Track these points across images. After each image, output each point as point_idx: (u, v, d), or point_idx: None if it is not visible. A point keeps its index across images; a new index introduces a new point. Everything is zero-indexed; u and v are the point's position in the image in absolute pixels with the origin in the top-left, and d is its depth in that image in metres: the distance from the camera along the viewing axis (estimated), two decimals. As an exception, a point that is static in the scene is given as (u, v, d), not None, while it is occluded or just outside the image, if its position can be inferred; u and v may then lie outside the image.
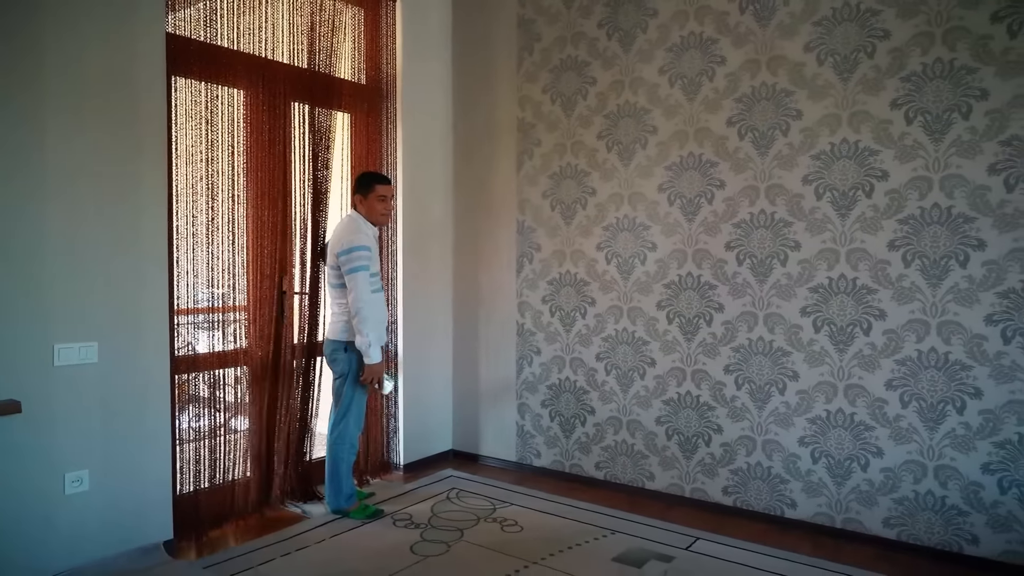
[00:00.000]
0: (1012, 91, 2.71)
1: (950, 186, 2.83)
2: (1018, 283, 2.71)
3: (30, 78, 2.52)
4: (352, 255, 3.11)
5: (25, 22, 2.50)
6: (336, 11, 3.75)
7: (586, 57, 3.78)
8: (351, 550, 2.99)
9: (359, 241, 3.12)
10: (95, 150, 2.70)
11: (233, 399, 3.52)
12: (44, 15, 2.55)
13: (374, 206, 3.27)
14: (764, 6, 3.23)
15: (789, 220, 3.20)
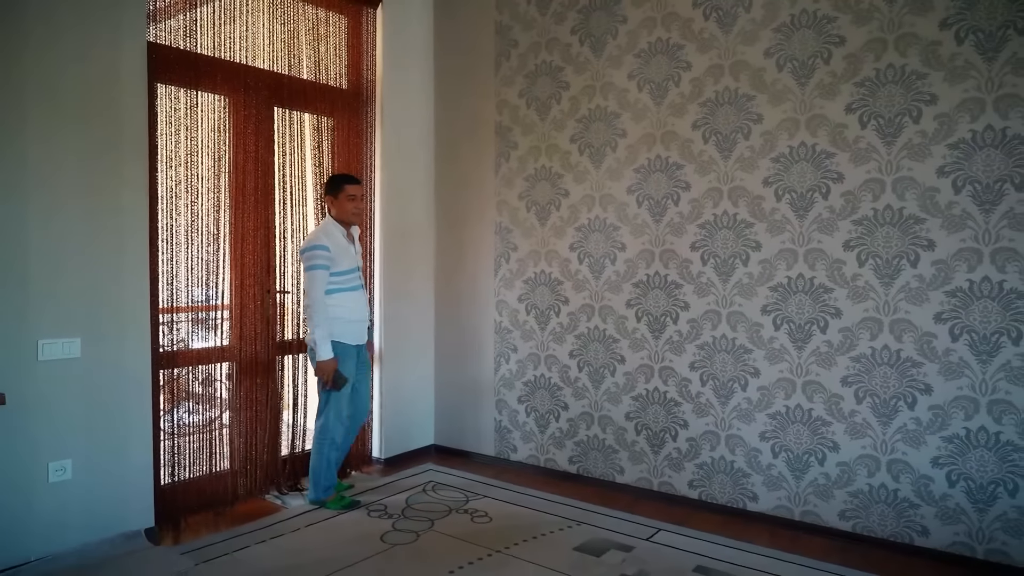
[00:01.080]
0: (959, 96, 2.79)
1: (902, 188, 2.91)
2: (965, 282, 2.79)
3: (12, 85, 2.65)
4: (308, 254, 3.23)
5: (7, 31, 2.63)
6: (318, 20, 3.87)
7: (560, 62, 3.88)
8: (323, 538, 3.11)
9: (316, 241, 3.24)
10: (77, 153, 2.84)
11: (216, 394, 3.65)
12: (26, 25, 2.68)
13: (344, 205, 3.36)
14: (727, 13, 3.33)
15: (751, 221, 3.29)
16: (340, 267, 3.29)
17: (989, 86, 2.73)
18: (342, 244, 3.32)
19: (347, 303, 3.32)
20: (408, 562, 2.88)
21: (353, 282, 3.36)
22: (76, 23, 2.81)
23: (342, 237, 3.34)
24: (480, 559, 2.89)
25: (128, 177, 3.00)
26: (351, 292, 3.35)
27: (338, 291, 3.29)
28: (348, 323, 3.35)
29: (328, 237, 3.28)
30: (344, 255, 3.32)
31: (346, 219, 3.38)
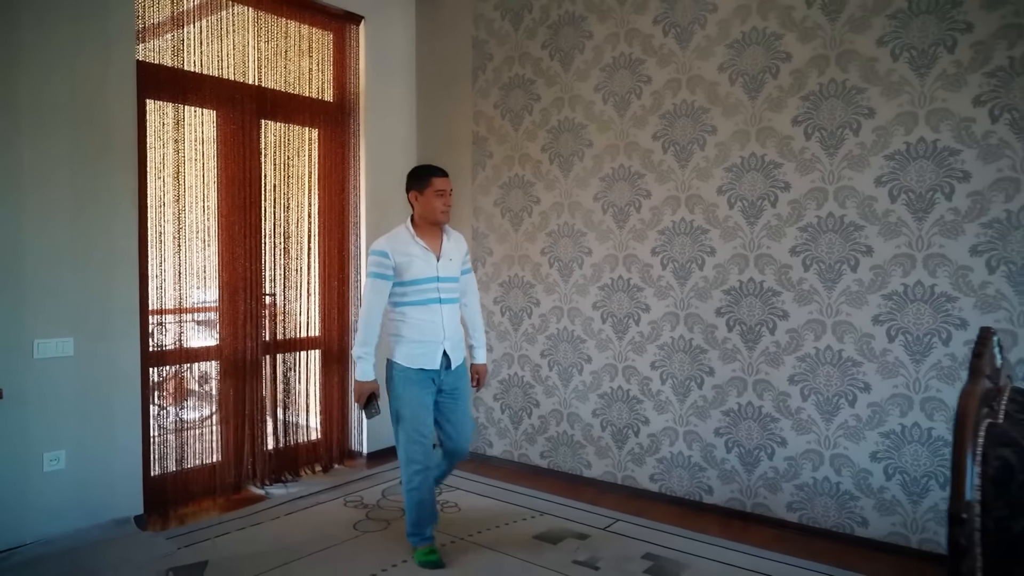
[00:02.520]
0: (895, 110, 2.95)
1: (843, 196, 3.07)
2: (900, 286, 2.95)
3: (8, 99, 2.88)
4: (369, 259, 2.88)
5: (5, 52, 2.86)
6: (302, 36, 4.09)
7: (532, 75, 4.07)
8: (300, 526, 3.32)
9: (376, 246, 2.85)
10: (70, 165, 3.06)
11: (206, 390, 3.87)
12: (19, 45, 2.91)
13: (432, 202, 2.86)
14: (684, 30, 3.50)
15: (706, 228, 3.46)
16: (408, 276, 2.81)
17: (922, 100, 2.88)
18: (414, 251, 2.82)
19: (413, 319, 2.83)
20: (375, 547, 3.07)
21: (426, 295, 2.83)
22: (69, 44, 3.04)
23: (414, 242, 2.84)
24: (443, 545, 3.08)
25: (118, 186, 3.22)
26: (421, 307, 2.83)
27: (404, 304, 2.84)
28: (412, 343, 2.83)
29: (392, 242, 2.84)
30: (416, 263, 2.82)
31: (433, 218, 2.87)
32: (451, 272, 2.91)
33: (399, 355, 2.84)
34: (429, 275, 2.84)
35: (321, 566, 2.88)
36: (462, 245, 3.02)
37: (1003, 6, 2.71)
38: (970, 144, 2.78)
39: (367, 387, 2.86)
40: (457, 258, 2.94)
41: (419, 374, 2.83)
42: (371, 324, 2.83)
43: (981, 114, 2.76)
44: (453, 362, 2.90)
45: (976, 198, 2.78)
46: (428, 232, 2.90)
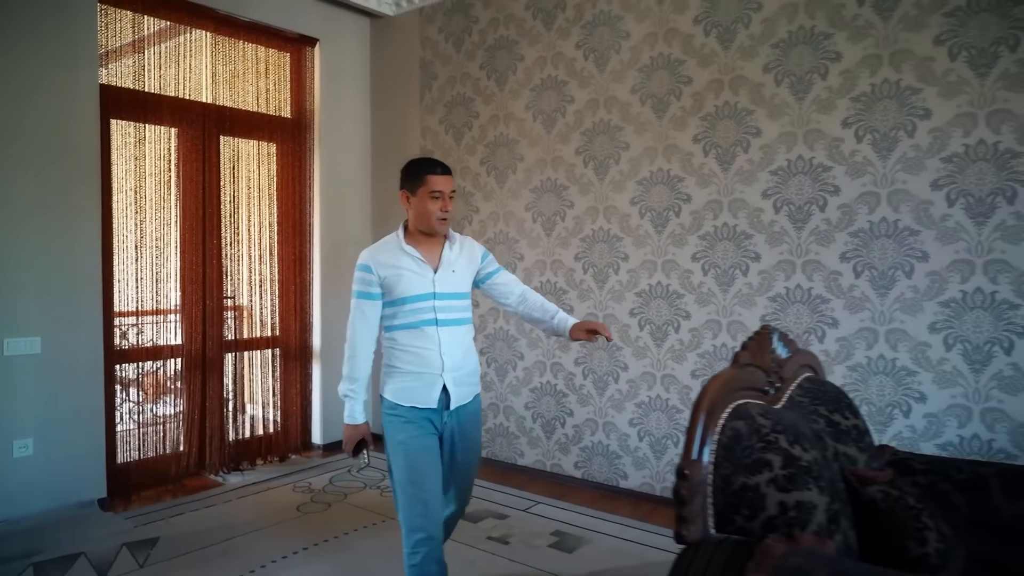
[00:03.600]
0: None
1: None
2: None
3: (-18, 129, 3.22)
4: (354, 276, 2.31)
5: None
6: (258, 59, 4.42)
7: (471, 94, 4.40)
8: (248, 508, 3.65)
9: (360, 259, 2.30)
10: (37, 180, 3.39)
11: (168, 385, 4.20)
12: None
13: (425, 206, 2.23)
14: (601, 55, 3.82)
15: (620, 236, 3.78)
16: (397, 293, 2.25)
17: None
18: (403, 263, 2.25)
19: (405, 346, 2.25)
20: (313, 526, 3.40)
21: (419, 316, 2.24)
22: (37, 69, 3.37)
23: (404, 252, 2.26)
24: (374, 524, 3.41)
25: (82, 199, 3.55)
26: (413, 331, 2.24)
27: (395, 328, 2.27)
28: (403, 375, 2.25)
29: (376, 253, 2.29)
30: (406, 277, 2.24)
31: (428, 227, 2.26)
32: (454, 287, 2.29)
33: (388, 390, 2.28)
34: (423, 291, 2.23)
35: (260, 541, 3.21)
36: (475, 251, 2.41)
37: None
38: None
39: (356, 431, 2.29)
40: (464, 270, 2.33)
41: (413, 413, 2.23)
42: (357, 354, 2.28)
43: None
44: (454, 400, 2.25)
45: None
46: (424, 240, 2.29)
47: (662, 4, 3.61)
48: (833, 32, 3.12)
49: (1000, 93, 2.77)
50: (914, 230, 2.98)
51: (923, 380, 2.99)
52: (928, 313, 2.96)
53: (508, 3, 4.20)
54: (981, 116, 2.80)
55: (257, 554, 3.06)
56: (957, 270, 2.89)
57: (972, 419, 2.88)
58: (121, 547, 3.12)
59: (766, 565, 1.36)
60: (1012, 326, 2.79)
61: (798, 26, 3.22)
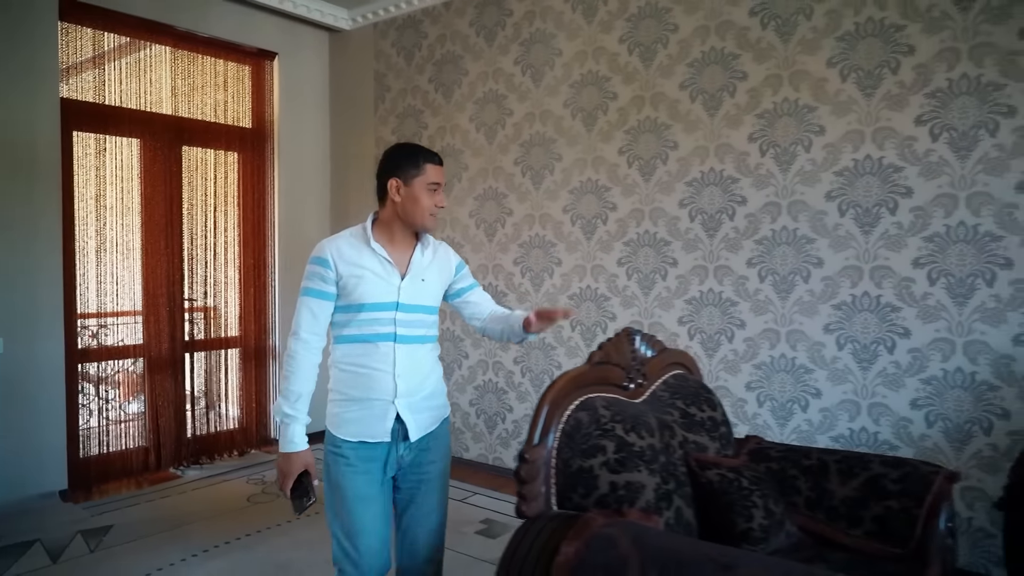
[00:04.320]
0: None
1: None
2: (698, 293, 3.50)
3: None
4: (306, 270, 1.92)
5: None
6: (217, 72, 4.64)
7: (420, 106, 4.62)
8: (200, 499, 3.87)
9: (317, 251, 1.91)
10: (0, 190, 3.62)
11: (131, 384, 4.42)
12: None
13: (420, 199, 1.90)
14: (537, 71, 4.05)
15: (554, 241, 4.01)
16: (355, 297, 1.87)
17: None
18: (367, 263, 1.89)
19: (351, 364, 1.90)
20: (259, 515, 3.62)
21: (375, 327, 1.88)
22: None
23: (370, 250, 1.90)
24: (319, 515, 3.62)
25: (43, 207, 3.77)
26: (365, 345, 1.88)
27: (343, 340, 1.91)
28: (347, 403, 1.90)
29: (341, 247, 1.90)
30: (368, 280, 1.88)
31: (419, 222, 1.93)
32: (421, 298, 1.93)
33: (329, 420, 1.92)
34: (385, 299, 1.87)
35: (207, 528, 3.43)
36: (449, 260, 2.07)
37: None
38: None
39: (294, 462, 1.84)
40: (435, 280, 1.99)
41: (360, 451, 1.87)
42: (301, 364, 1.85)
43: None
44: (413, 431, 1.90)
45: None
46: (395, 239, 1.94)
47: (591, 24, 3.83)
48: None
49: (883, 112, 2.99)
50: (811, 238, 3.21)
51: (819, 377, 3.21)
52: (823, 315, 3.19)
53: (454, 20, 4.42)
54: (868, 133, 3.02)
55: (201, 540, 3.28)
56: (847, 275, 3.12)
57: (861, 413, 3.11)
58: (76, 534, 3.34)
59: (582, 534, 1.59)
60: (894, 327, 3.01)
61: (710, 47, 3.45)
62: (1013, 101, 2.74)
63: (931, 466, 2.10)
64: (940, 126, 2.89)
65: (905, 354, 2.99)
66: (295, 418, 1.87)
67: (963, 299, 2.87)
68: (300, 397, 1.87)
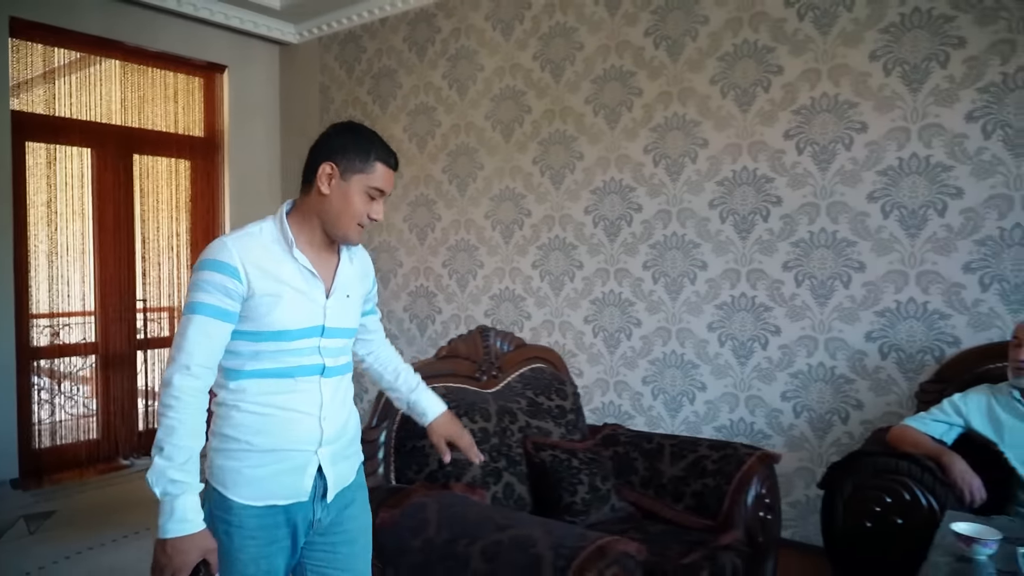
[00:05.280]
0: None
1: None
2: (600, 294, 3.76)
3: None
4: (192, 277, 1.44)
5: None
6: (167, 85, 4.90)
7: (360, 117, 4.88)
8: (144, 487, 4.11)
9: (215, 252, 1.43)
10: (-50, 201, 3.87)
11: (83, 380, 4.68)
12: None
13: (355, 201, 1.49)
14: (462, 85, 4.31)
15: (476, 245, 4.27)
16: (268, 321, 1.44)
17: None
18: (286, 273, 1.46)
19: (264, 408, 1.46)
20: (194, 501, 3.88)
21: (297, 359, 1.48)
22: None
23: (292, 262, 1.48)
24: (249, 499, 3.89)
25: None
26: (283, 382, 1.47)
27: (247, 376, 1.46)
28: (256, 457, 1.45)
29: (251, 251, 1.45)
30: (288, 297, 1.45)
31: (341, 230, 1.51)
32: (346, 320, 1.56)
33: (223, 479, 1.45)
34: (309, 323, 1.48)
35: (144, 512, 3.68)
36: (368, 270, 1.71)
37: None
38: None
39: (190, 550, 1.35)
40: (358, 293, 1.61)
41: (265, 518, 1.46)
42: (191, 412, 1.37)
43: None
44: (332, 486, 1.54)
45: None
46: (315, 241, 1.52)
47: (508, 41, 4.09)
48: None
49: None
50: (696, 243, 3.47)
51: (703, 372, 3.47)
52: (707, 314, 3.45)
53: (390, 36, 4.68)
54: (744, 147, 3.29)
55: (135, 523, 3.54)
56: (728, 278, 3.38)
57: (739, 405, 3.37)
58: (19, 519, 3.60)
59: (401, 503, 1.86)
60: (767, 326, 3.28)
61: (610, 64, 3.70)
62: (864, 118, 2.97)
63: (751, 449, 2.37)
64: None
65: (776, 350, 3.26)
66: (187, 486, 1.34)
67: (824, 299, 3.13)
68: (191, 456, 1.35)
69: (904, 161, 2.94)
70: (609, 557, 1.55)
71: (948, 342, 2.86)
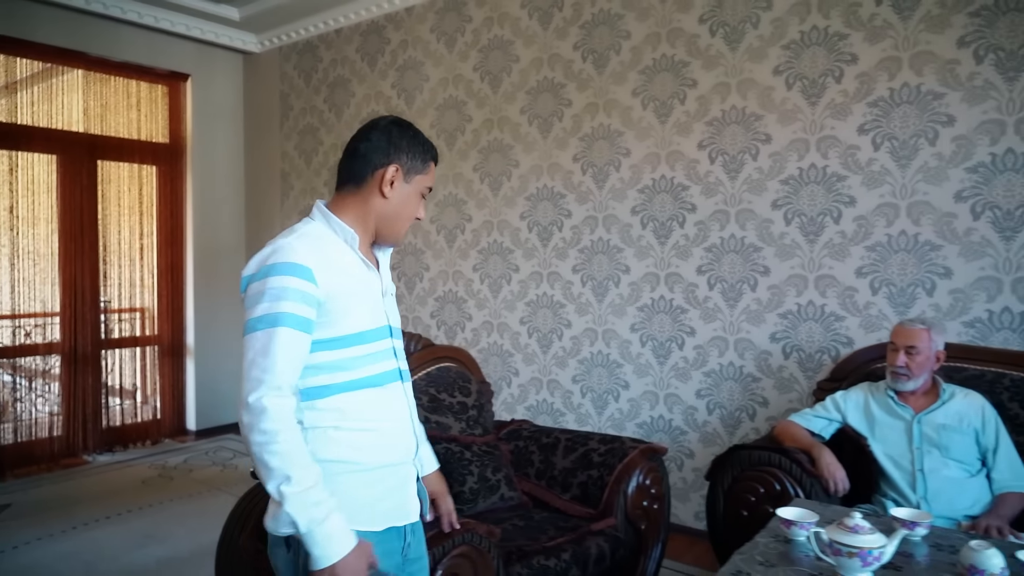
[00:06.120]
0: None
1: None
2: (534, 297, 3.92)
3: None
4: (257, 287, 1.31)
5: None
6: (129, 93, 5.06)
7: (317, 124, 5.05)
8: (103, 480, 4.30)
9: (287, 253, 1.31)
10: (-87, 207, 4.04)
11: (47, 378, 4.85)
12: None
13: (412, 202, 1.47)
14: (409, 95, 4.47)
15: (421, 249, 4.43)
16: (346, 326, 1.36)
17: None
18: (355, 273, 1.40)
19: (368, 423, 1.38)
20: (147, 493, 4.05)
21: (381, 364, 1.42)
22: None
23: (357, 257, 1.41)
24: (200, 493, 4.06)
25: (-43, 220, 4.20)
26: (376, 392, 1.40)
27: (338, 391, 1.35)
28: (370, 475, 1.37)
29: (322, 248, 1.37)
30: (361, 296, 1.40)
31: (396, 232, 1.47)
32: (398, 320, 1.55)
33: (345, 510, 1.29)
34: (379, 323, 1.43)
35: (95, 505, 3.85)
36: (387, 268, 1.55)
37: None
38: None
39: (357, 562, 1.26)
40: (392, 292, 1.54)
41: (387, 543, 1.38)
42: (296, 433, 1.26)
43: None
44: (426, 498, 1.52)
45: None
46: (365, 244, 1.46)
47: (451, 53, 4.25)
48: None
49: None
50: (620, 248, 3.63)
51: (627, 371, 3.63)
52: (630, 316, 3.62)
53: (344, 46, 4.84)
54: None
55: (85, 515, 3.70)
56: (648, 282, 3.55)
57: (659, 402, 3.53)
58: (-24, 511, 3.77)
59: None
60: (683, 327, 3.44)
61: (543, 76, 3.86)
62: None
63: (637, 443, 2.53)
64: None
65: (692, 350, 3.42)
66: (329, 506, 1.25)
67: (734, 302, 3.29)
68: (319, 475, 1.25)
69: (804, 171, 3.10)
70: (458, 538, 1.71)
71: (843, 342, 3.02)
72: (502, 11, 4.01)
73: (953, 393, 2.42)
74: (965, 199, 2.75)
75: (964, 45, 2.75)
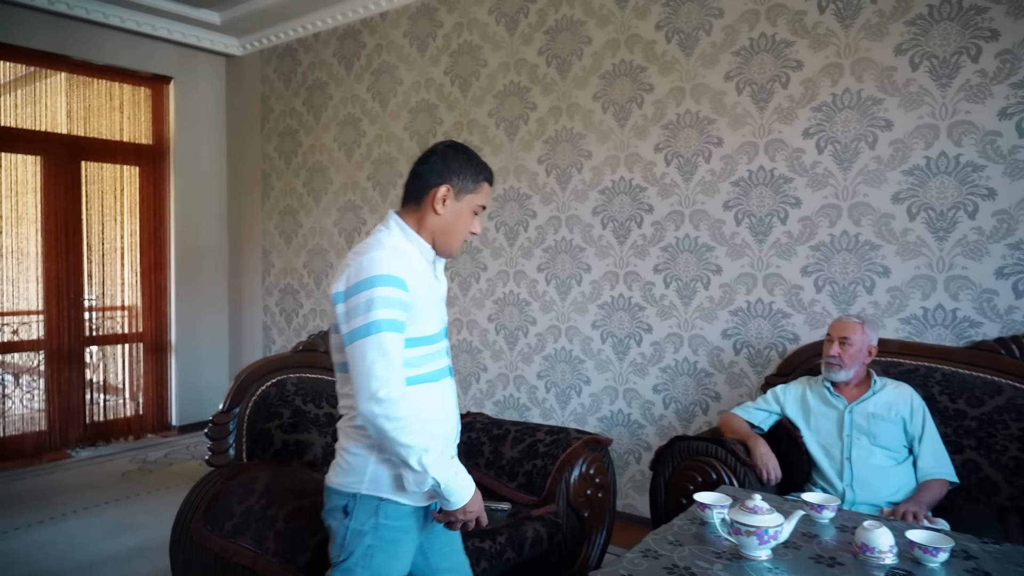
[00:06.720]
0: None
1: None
2: (502, 295, 4.03)
3: None
4: (363, 297, 1.49)
5: None
6: (112, 95, 5.17)
7: (296, 126, 5.16)
8: (83, 473, 4.41)
9: (384, 266, 1.50)
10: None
11: (32, 374, 4.96)
12: None
13: (466, 219, 1.67)
14: (384, 98, 4.59)
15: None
16: (421, 329, 1.58)
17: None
18: (429, 281, 1.62)
19: (427, 411, 1.55)
20: (126, 486, 4.16)
21: (439, 363, 1.64)
22: None
23: (429, 267, 1.64)
24: (177, 485, 4.16)
25: (-59, 220, 4.31)
26: (435, 386, 1.62)
27: (411, 383, 1.54)
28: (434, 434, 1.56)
29: (409, 260, 1.58)
30: (432, 302, 1.63)
31: (450, 248, 1.66)
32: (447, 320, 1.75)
33: (386, 485, 1.55)
34: (441, 326, 1.67)
35: (74, 497, 3.96)
36: None
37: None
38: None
39: (478, 499, 1.60)
40: None
41: (418, 514, 1.62)
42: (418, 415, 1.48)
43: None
44: None
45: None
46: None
47: (423, 57, 4.36)
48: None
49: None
50: (581, 247, 3.75)
51: (588, 367, 3.75)
52: (591, 314, 3.73)
53: (321, 50, 4.96)
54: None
55: (62, 507, 3.81)
56: (608, 280, 3.66)
57: (618, 397, 3.64)
58: (-43, 502, 3.88)
59: (238, 475, 2.13)
60: (641, 324, 3.55)
61: (510, 80, 3.97)
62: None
63: (582, 434, 2.64)
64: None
65: (649, 347, 3.53)
66: (457, 461, 1.57)
67: (688, 299, 3.40)
68: (431, 435, 1.50)
69: (753, 173, 3.21)
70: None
71: (789, 339, 3.14)
72: (471, 17, 4.12)
73: (884, 384, 2.53)
74: (902, 200, 2.86)
75: (901, 52, 2.86)
